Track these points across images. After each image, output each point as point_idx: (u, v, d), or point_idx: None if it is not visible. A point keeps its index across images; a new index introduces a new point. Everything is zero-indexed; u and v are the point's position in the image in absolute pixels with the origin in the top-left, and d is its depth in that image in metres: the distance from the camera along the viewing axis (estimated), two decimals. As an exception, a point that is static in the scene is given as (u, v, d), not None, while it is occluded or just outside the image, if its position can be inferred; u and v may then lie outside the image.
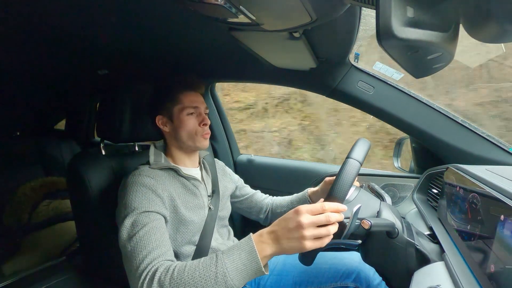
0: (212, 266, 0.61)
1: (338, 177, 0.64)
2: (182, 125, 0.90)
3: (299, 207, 0.61)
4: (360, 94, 1.08)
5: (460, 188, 0.69)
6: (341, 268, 0.95)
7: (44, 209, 1.83)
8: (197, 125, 0.91)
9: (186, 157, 0.95)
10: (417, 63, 0.54)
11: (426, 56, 0.49)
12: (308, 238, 0.59)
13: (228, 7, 0.57)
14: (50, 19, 0.77)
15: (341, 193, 0.64)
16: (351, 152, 0.67)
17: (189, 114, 0.91)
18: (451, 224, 0.72)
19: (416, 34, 0.40)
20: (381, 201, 0.83)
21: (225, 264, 0.61)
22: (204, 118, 0.92)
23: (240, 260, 0.61)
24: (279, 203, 1.15)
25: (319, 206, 0.60)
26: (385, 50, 0.44)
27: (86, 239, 1.01)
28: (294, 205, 1.11)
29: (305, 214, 0.60)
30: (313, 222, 0.59)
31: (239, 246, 0.63)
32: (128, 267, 0.69)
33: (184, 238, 0.86)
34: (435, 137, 1.02)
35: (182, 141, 0.91)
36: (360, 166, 0.66)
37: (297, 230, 0.59)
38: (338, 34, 0.84)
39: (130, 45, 1.02)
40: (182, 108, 0.90)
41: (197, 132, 0.91)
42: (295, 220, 0.60)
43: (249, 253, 0.61)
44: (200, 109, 0.93)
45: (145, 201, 0.77)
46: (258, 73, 1.26)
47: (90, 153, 1.01)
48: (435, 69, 0.56)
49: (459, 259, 0.62)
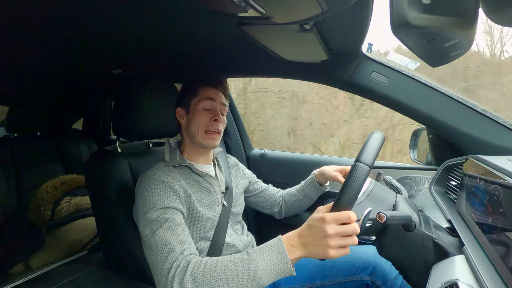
0: (244, 263, 0.64)
1: (346, 184, 0.61)
2: (194, 117, 0.91)
3: (324, 215, 0.61)
4: (374, 85, 1.05)
5: (481, 179, 0.67)
6: (357, 261, 0.95)
7: (65, 206, 1.90)
8: (207, 119, 0.91)
9: (199, 153, 0.96)
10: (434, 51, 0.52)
11: (443, 44, 0.47)
12: (334, 247, 0.60)
13: (237, 2, 0.57)
14: (66, 21, 0.79)
15: (349, 200, 0.61)
16: (361, 154, 0.63)
17: (204, 110, 0.91)
18: (471, 217, 0.70)
19: (433, 21, 0.39)
20: (397, 194, 0.82)
21: (257, 262, 0.63)
22: (216, 114, 0.92)
23: (271, 260, 0.63)
24: (291, 193, 1.18)
25: (345, 216, 0.60)
26: (399, 39, 0.43)
27: (105, 234, 1.04)
28: (305, 190, 1.13)
29: (331, 224, 0.60)
30: (338, 232, 0.60)
31: (270, 246, 0.65)
32: (153, 260, 0.71)
33: (199, 234, 0.87)
34: (453, 128, 0.98)
35: (192, 135, 0.92)
36: (369, 170, 0.61)
37: (323, 239, 0.60)
38: (350, 25, 0.82)
39: (142, 44, 1.03)
40: (199, 100, 0.92)
41: (205, 126, 0.91)
42: (320, 229, 0.60)
43: (280, 254, 0.63)
44: (216, 104, 0.93)
45: (164, 197, 0.79)
46: (269, 67, 1.25)
47: (106, 151, 1.04)
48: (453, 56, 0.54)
49: (480, 253, 0.60)
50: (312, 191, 1.13)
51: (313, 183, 1.13)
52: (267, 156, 1.64)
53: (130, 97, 0.99)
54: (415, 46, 0.48)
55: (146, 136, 1.06)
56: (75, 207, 1.92)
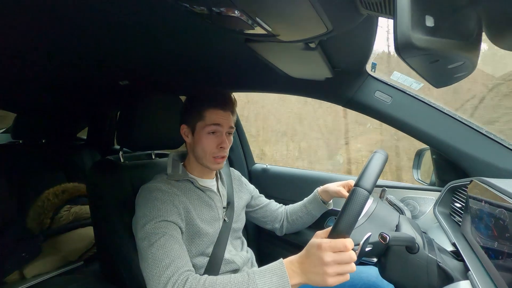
0: (244, 284, 0.63)
1: (344, 210, 0.59)
2: (199, 142, 0.89)
3: (321, 243, 0.60)
4: (378, 104, 1.06)
5: (486, 202, 0.65)
6: (358, 282, 0.92)
7: (65, 214, 1.89)
8: (214, 146, 0.88)
9: (202, 169, 0.95)
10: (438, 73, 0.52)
11: (447, 65, 0.47)
12: (331, 275, 0.59)
13: (245, 19, 0.58)
14: (74, 33, 0.81)
15: (347, 227, 0.59)
16: (360, 178, 0.60)
17: (209, 133, 0.88)
18: (477, 240, 0.68)
19: (436, 43, 0.39)
20: (400, 214, 0.80)
21: (257, 285, 0.62)
22: (223, 140, 0.89)
23: (271, 283, 0.62)
24: (293, 210, 1.17)
25: (341, 245, 0.59)
26: (403, 60, 0.43)
27: (102, 244, 1.03)
28: (308, 208, 1.12)
29: (328, 252, 0.59)
30: (335, 260, 0.59)
31: (271, 269, 0.65)
32: (149, 274, 0.70)
33: (198, 250, 0.86)
34: (457, 149, 0.98)
35: (198, 156, 0.91)
36: (368, 196, 0.59)
37: (320, 266, 0.59)
38: (355, 44, 0.84)
39: (149, 58, 1.05)
40: (204, 125, 0.88)
41: (212, 153, 0.89)
42: (318, 256, 0.60)
43: (281, 278, 0.62)
44: (222, 129, 0.89)
45: (163, 210, 0.78)
46: (274, 83, 1.27)
47: (109, 161, 1.04)
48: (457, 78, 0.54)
49: (486, 279, 0.58)
50: (315, 209, 1.12)
51: (316, 201, 1.11)
52: (269, 171, 1.63)
53: (136, 108, 1.00)
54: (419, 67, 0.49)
55: (150, 146, 1.07)
56: (74, 215, 1.90)
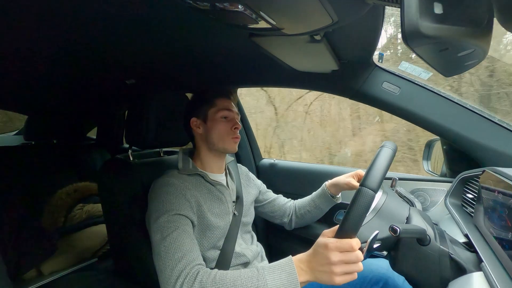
0: (254, 279, 0.64)
1: (350, 210, 0.58)
2: (215, 126, 0.94)
3: (328, 242, 0.60)
4: (385, 95, 1.04)
5: (499, 192, 0.64)
6: (368, 274, 0.92)
7: (78, 213, 1.93)
8: (228, 128, 0.95)
9: (213, 161, 0.98)
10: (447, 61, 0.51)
11: (456, 54, 0.46)
12: (339, 274, 0.60)
13: (248, 14, 0.58)
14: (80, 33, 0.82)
15: (353, 227, 0.59)
16: (366, 176, 0.59)
17: (222, 118, 0.95)
18: (490, 231, 0.67)
19: (445, 31, 0.38)
20: (410, 206, 0.79)
21: (266, 281, 0.63)
22: (235, 122, 0.96)
23: (280, 280, 0.63)
24: (301, 204, 1.17)
25: (347, 245, 0.59)
26: (411, 50, 0.42)
27: (116, 242, 1.05)
28: (316, 202, 1.12)
29: (334, 252, 0.59)
30: (342, 260, 0.59)
31: (280, 266, 0.66)
32: (161, 267, 0.72)
33: (209, 243, 0.87)
34: (468, 139, 0.96)
35: (213, 143, 0.94)
36: (374, 195, 0.58)
37: (328, 265, 0.60)
38: (361, 35, 0.82)
39: (154, 56, 1.06)
40: (217, 110, 0.95)
41: (228, 134, 0.94)
42: (324, 256, 0.60)
43: (290, 275, 0.63)
44: (232, 114, 0.97)
45: (176, 204, 0.80)
46: (280, 77, 1.26)
47: (119, 160, 1.06)
48: (467, 66, 0.53)
49: (500, 270, 0.57)
50: (323, 203, 1.11)
51: (324, 195, 1.11)
52: (277, 165, 1.63)
53: (143, 106, 1.01)
54: (428, 56, 0.47)
55: (158, 145, 1.08)
56: (87, 214, 1.95)
